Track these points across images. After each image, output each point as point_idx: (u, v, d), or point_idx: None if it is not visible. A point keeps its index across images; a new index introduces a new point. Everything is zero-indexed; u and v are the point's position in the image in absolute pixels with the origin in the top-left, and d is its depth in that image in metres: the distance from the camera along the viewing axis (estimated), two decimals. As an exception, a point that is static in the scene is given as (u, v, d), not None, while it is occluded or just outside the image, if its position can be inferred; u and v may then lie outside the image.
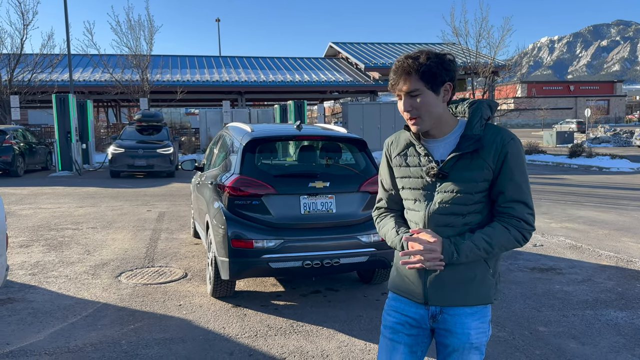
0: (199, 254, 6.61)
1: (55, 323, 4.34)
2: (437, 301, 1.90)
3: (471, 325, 1.90)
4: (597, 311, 4.62)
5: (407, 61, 1.78)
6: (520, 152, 1.84)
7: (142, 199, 11.52)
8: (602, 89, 77.36)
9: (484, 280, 1.89)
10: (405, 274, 1.97)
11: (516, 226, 1.82)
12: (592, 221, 8.75)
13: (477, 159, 1.82)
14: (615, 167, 18.53)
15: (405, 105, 1.81)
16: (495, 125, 1.87)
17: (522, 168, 1.83)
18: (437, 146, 1.89)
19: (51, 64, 23.45)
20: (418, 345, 1.98)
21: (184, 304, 4.80)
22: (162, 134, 17.48)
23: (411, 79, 1.78)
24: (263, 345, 3.93)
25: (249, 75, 29.92)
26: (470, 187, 1.83)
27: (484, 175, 1.82)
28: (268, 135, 5.12)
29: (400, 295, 2.00)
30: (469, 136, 1.83)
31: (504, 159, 1.81)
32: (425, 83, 1.78)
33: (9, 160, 16.05)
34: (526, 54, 49.91)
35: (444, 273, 1.87)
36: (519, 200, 1.83)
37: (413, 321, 1.97)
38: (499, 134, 1.83)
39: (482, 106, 1.89)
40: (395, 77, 1.81)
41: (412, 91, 1.79)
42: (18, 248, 6.91)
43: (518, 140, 1.85)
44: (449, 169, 1.84)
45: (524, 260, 6.34)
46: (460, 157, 1.83)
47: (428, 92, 1.79)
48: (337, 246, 4.55)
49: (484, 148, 1.81)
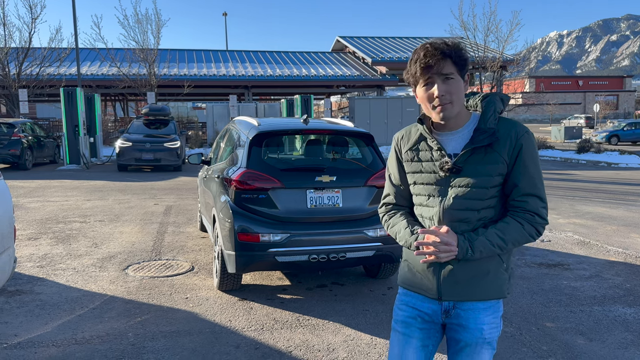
0: (205, 247, 6.63)
1: (62, 315, 4.37)
2: (451, 296, 1.88)
3: (484, 320, 1.88)
4: (605, 307, 4.59)
5: (443, 45, 1.76)
6: (534, 146, 1.83)
7: (149, 192, 11.56)
8: (612, 84, 76.72)
9: (498, 275, 1.87)
10: (417, 270, 1.95)
11: (530, 221, 1.81)
12: (600, 217, 8.69)
13: (491, 153, 1.80)
14: (624, 162, 18.38)
15: (440, 90, 1.76)
16: (509, 118, 1.86)
17: (536, 162, 1.82)
18: (450, 139, 1.86)
19: (59, 58, 23.57)
20: (430, 339, 1.97)
21: (191, 297, 4.82)
22: (170, 128, 17.53)
23: (447, 62, 1.76)
24: (269, 339, 3.94)
25: (256, 70, 29.92)
26: (485, 181, 1.81)
27: (499, 169, 1.80)
28: (275, 129, 5.11)
29: (412, 291, 1.98)
30: (483, 129, 1.81)
31: (519, 152, 1.79)
32: (458, 68, 1.77)
33: (17, 153, 16.15)
34: (535, 48, 49.56)
35: (458, 268, 1.85)
36: (533, 194, 1.81)
37: (426, 316, 1.95)
38: (514, 127, 1.82)
39: (496, 99, 1.87)
40: (428, 61, 1.75)
41: (449, 74, 1.76)
42: (26, 240, 6.95)
43: (532, 134, 1.84)
44: (463, 163, 1.82)
45: (531, 255, 6.31)
46: (474, 151, 1.81)
47: (459, 78, 1.78)
48: (344, 240, 4.54)
49: (498, 141, 1.80)
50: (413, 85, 1.86)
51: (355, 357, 3.66)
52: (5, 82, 21.85)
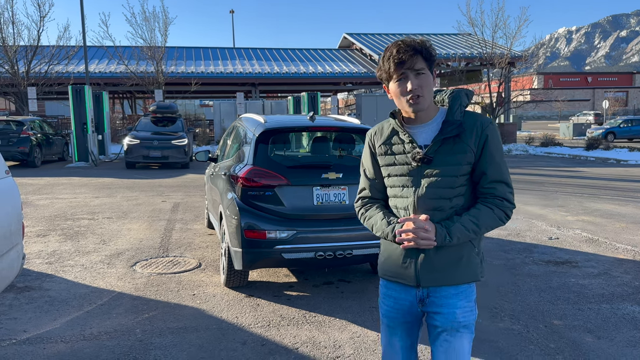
0: (212, 244, 6.65)
1: (71, 311, 4.40)
2: (429, 282, 2.00)
3: (457, 304, 2.01)
4: (613, 305, 4.56)
5: (414, 43, 1.89)
6: (499, 136, 1.99)
7: (157, 189, 11.61)
8: (621, 80, 76.00)
9: (470, 259, 2.01)
10: (395, 259, 2.06)
11: (499, 205, 1.95)
12: (609, 214, 8.63)
13: (459, 143, 1.93)
14: (633, 159, 18.23)
15: (413, 84, 1.88)
16: (474, 112, 2.01)
17: (501, 151, 1.97)
18: (420, 132, 1.99)
19: (67, 56, 23.71)
20: (414, 327, 2.14)
21: (198, 294, 4.84)
22: (177, 126, 17.58)
23: (419, 58, 1.88)
24: (276, 335, 3.95)
25: (263, 67, 29.92)
26: (454, 170, 1.93)
27: (467, 158, 1.93)
28: (281, 126, 5.11)
29: (392, 281, 2.11)
30: (451, 122, 1.94)
31: (485, 141, 1.94)
32: (428, 64, 1.91)
33: (26, 151, 16.27)
34: (543, 44, 49.20)
35: (433, 256, 1.97)
36: (500, 181, 1.95)
37: (405, 306, 2.09)
38: (479, 119, 1.97)
39: (461, 95, 2.01)
40: (401, 57, 1.87)
41: (421, 69, 1.89)
42: (35, 237, 7.01)
43: (495, 125, 2.00)
44: (434, 153, 1.94)
45: (539, 253, 6.28)
46: (443, 141, 1.93)
47: (429, 73, 1.92)
48: (350, 237, 4.54)
49: (465, 132, 1.93)
50: (386, 81, 1.97)
51: (361, 354, 3.66)
52: (14, 80, 22.01)
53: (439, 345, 2.02)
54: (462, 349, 2.01)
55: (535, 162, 18.51)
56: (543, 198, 10.34)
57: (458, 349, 2.00)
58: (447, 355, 2.00)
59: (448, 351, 2.00)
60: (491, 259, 6.02)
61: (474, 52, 28.60)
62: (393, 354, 2.15)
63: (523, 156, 21.32)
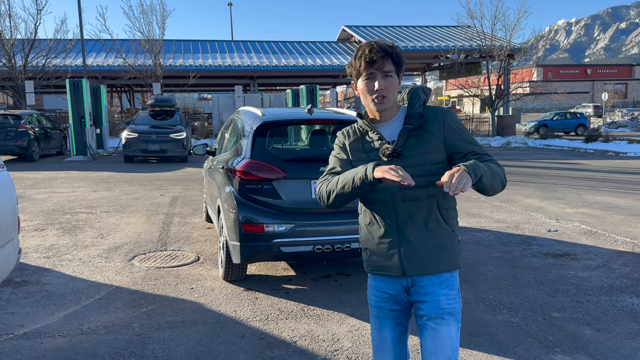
0: (211, 238, 6.64)
1: (68, 305, 4.39)
2: (413, 271, 2.05)
3: (440, 292, 2.06)
4: (612, 297, 4.56)
5: (386, 46, 1.99)
6: (458, 119, 2.10)
7: (155, 183, 11.59)
8: (620, 72, 75.84)
9: (453, 247, 2.08)
10: (378, 253, 2.10)
11: (495, 162, 2.01)
12: (608, 206, 8.62)
13: (423, 134, 2.03)
14: (632, 152, 18.22)
15: (380, 84, 1.98)
16: (432, 105, 2.13)
17: (466, 130, 2.09)
18: (386, 129, 2.08)
19: (65, 49, 23.59)
20: (402, 317, 2.18)
21: (196, 288, 4.83)
22: (175, 119, 17.52)
23: (388, 61, 1.98)
24: (274, 329, 3.94)
25: (261, 60, 29.80)
26: (423, 159, 2.00)
27: (434, 146, 2.02)
28: (279, 119, 5.08)
29: (378, 275, 2.15)
30: (412, 115, 2.06)
31: (450, 128, 2.04)
32: (396, 68, 2.01)
33: (24, 145, 16.22)
34: (542, 37, 49.06)
35: (417, 245, 2.02)
36: (482, 153, 2.02)
37: (392, 297, 2.14)
38: (438, 110, 2.09)
39: (419, 91, 2.12)
40: (373, 57, 1.96)
41: (389, 72, 1.98)
42: (33, 231, 6.99)
43: (453, 113, 2.13)
44: (402, 147, 2.02)
45: (537, 245, 6.27)
46: (408, 134, 2.02)
47: (395, 77, 2.02)
48: (348, 231, 4.52)
49: (427, 123, 2.04)
50: (355, 78, 2.06)
51: (359, 347, 3.65)
52: (11, 74, 21.91)
53: (426, 335, 2.06)
54: (450, 336, 2.04)
55: (534, 155, 18.48)
56: (542, 190, 10.33)
57: (445, 336, 2.03)
58: (434, 343, 2.03)
59: (435, 339, 2.03)
60: (490, 251, 6.01)
61: (473, 45, 28.51)
62: (384, 346, 2.18)
63: (522, 149, 21.29)
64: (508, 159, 16.48)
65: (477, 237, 6.66)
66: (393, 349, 2.17)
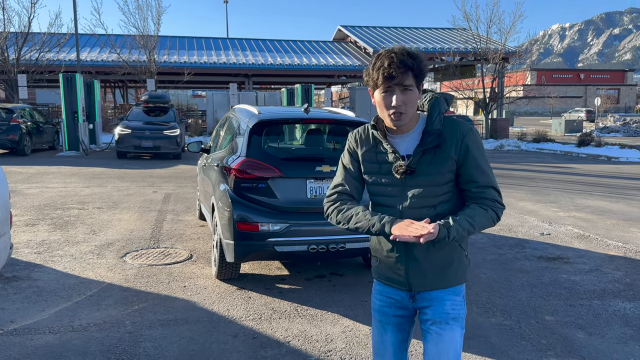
0: (204, 235, 6.60)
1: (59, 302, 4.35)
2: (419, 287, 2.04)
3: (445, 298, 2.05)
4: (604, 301, 4.58)
5: (407, 58, 1.84)
6: (480, 141, 2.00)
7: (148, 180, 11.52)
8: (613, 77, 76.34)
9: (460, 263, 2.05)
10: (386, 264, 2.08)
11: (492, 206, 1.96)
12: (600, 211, 8.66)
13: (440, 153, 1.94)
14: (624, 156, 18.32)
15: (398, 100, 1.86)
16: (453, 118, 2.01)
17: (484, 155, 1.99)
18: (402, 142, 1.99)
19: (58, 43, 23.40)
20: (405, 323, 2.16)
21: (189, 286, 4.80)
22: (169, 116, 17.43)
23: (409, 75, 1.85)
24: (267, 328, 3.92)
25: (257, 58, 29.72)
26: (437, 179, 1.95)
27: (448, 166, 1.95)
28: (275, 118, 5.06)
29: (385, 284, 2.14)
30: (431, 132, 1.94)
31: (466, 150, 1.94)
32: (417, 81, 1.88)
33: (16, 139, 16.08)
34: (537, 41, 49.30)
35: (423, 261, 2.00)
36: (489, 186, 1.97)
37: (398, 303, 2.12)
38: (458, 127, 1.96)
39: (440, 101, 2.00)
40: (392, 72, 1.83)
41: (409, 86, 1.86)
42: (24, 227, 6.92)
43: (475, 130, 2.01)
44: (416, 164, 1.94)
45: (530, 249, 6.29)
46: (424, 152, 1.94)
47: (416, 90, 1.89)
48: (343, 231, 4.50)
49: (445, 142, 1.93)
50: (372, 88, 1.93)
51: (353, 347, 3.64)
52: (4, 67, 21.70)
53: (430, 339, 2.04)
54: (453, 341, 2.02)
55: (527, 158, 18.56)
56: (535, 194, 10.37)
57: (448, 341, 2.01)
58: (437, 347, 2.01)
59: (438, 343, 2.01)
60: (483, 254, 6.02)
61: (468, 47, 28.58)
62: (384, 351, 2.16)
63: (515, 152, 21.38)
64: (501, 162, 16.54)
65: (470, 240, 6.64)
66: (393, 354, 2.15)
